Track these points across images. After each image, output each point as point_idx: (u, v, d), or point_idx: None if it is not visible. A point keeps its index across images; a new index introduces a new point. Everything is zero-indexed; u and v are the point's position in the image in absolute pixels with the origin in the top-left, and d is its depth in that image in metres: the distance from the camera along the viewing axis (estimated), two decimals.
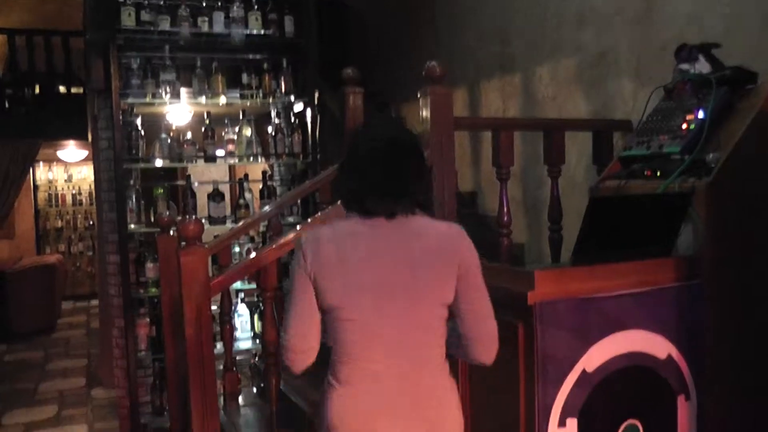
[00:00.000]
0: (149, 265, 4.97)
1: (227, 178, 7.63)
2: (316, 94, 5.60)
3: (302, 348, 1.97)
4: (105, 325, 5.91)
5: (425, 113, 3.28)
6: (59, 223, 12.46)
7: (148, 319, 5.04)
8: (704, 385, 2.46)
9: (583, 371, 2.22)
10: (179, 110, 5.51)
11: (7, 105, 8.42)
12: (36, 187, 12.32)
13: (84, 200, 12.54)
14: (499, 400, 2.40)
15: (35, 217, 12.28)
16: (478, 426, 2.54)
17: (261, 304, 4.24)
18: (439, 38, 5.94)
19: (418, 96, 3.27)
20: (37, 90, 8.67)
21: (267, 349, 3.29)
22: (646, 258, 2.41)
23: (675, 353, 2.39)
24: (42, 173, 12.40)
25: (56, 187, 12.49)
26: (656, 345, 2.36)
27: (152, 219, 5.03)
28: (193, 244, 3.09)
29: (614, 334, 2.27)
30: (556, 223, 3.53)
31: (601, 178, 3.00)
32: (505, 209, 3.42)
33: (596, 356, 2.24)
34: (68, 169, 12.44)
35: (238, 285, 4.91)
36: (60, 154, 11.37)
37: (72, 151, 11.33)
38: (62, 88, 8.93)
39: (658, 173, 2.64)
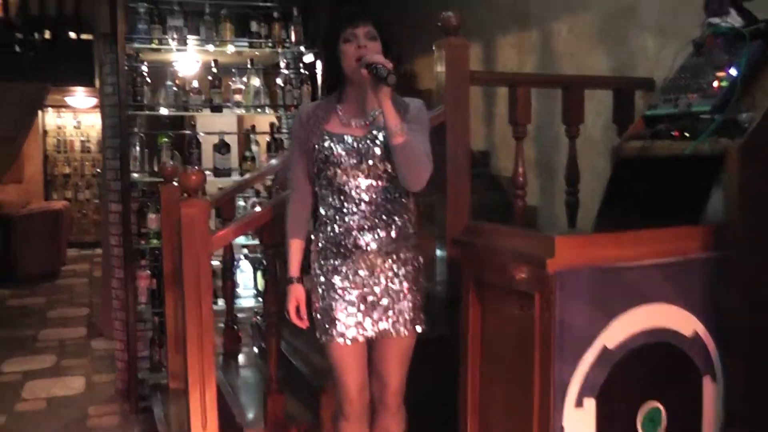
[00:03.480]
0: (151, 215, 4.83)
1: (234, 129, 7.42)
2: None
3: None
4: (106, 276, 5.77)
5: (440, 67, 3.16)
6: (67, 170, 12.40)
7: (149, 272, 4.90)
8: (732, 365, 2.30)
9: (604, 348, 2.07)
10: (186, 58, 5.35)
11: (17, 48, 8.34)
12: (45, 133, 12.25)
13: (92, 147, 12.43)
14: (512, 376, 2.27)
15: (43, 162, 12.22)
16: (490, 404, 2.41)
17: (264, 261, 4.09)
18: None
19: (433, 48, 3.13)
20: (47, 35, 8.55)
21: (268, 309, 3.18)
22: (673, 225, 2.25)
23: (702, 330, 2.23)
24: (51, 119, 12.31)
25: (65, 134, 12.42)
26: (682, 321, 2.20)
27: (156, 168, 4.90)
28: (194, 196, 2.98)
29: (638, 307, 2.12)
30: (572, 186, 3.45)
31: (624, 138, 2.84)
32: (521, 170, 3.32)
33: (618, 331, 2.09)
34: (77, 115, 12.32)
35: (241, 240, 4.81)
36: (69, 100, 11.23)
37: (81, 97, 11.19)
38: (72, 34, 8.80)
39: (687, 134, 2.46)
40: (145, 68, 4.92)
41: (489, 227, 2.47)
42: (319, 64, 5.46)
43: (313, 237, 2.55)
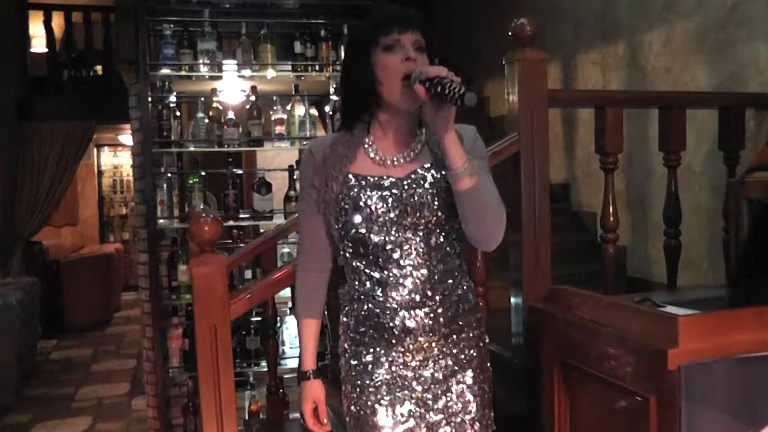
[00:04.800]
0: (182, 267, 4.33)
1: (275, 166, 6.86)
2: None
3: None
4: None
5: (512, 86, 2.70)
6: (123, 210, 12.20)
7: (181, 330, 4.41)
8: None
9: None
10: (221, 85, 4.85)
11: (62, 85, 8.11)
12: (101, 173, 12.09)
13: None
14: None
15: (99, 203, 12.01)
16: None
17: None
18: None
19: (503, 62, 2.70)
20: (94, 69, 8.39)
21: None
22: None
23: None
24: (107, 158, 12.14)
25: (121, 173, 12.21)
26: None
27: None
28: (208, 250, 2.48)
29: None
30: (673, 226, 3.01)
31: (747, 171, 2.42)
32: (611, 208, 2.83)
33: None
34: None
35: (286, 291, 4.24)
36: (121, 138, 10.94)
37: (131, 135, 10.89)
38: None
39: None
40: (173, 99, 4.46)
41: (580, 296, 2.04)
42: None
43: (341, 318, 1.95)
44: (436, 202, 1.77)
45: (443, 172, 1.74)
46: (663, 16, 3.97)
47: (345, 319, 1.93)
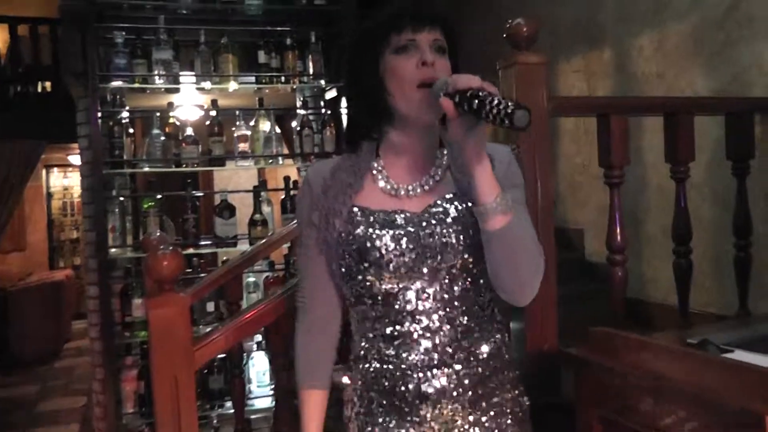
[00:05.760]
0: (137, 301, 3.95)
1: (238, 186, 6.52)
2: None
3: None
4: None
5: (509, 92, 2.44)
6: (74, 234, 11.67)
7: (136, 372, 4.03)
8: None
9: None
10: (178, 99, 4.52)
11: (8, 102, 7.69)
12: (50, 195, 11.56)
13: None
14: None
15: (48, 227, 11.47)
16: None
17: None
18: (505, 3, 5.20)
19: (497, 69, 2.47)
20: (43, 86, 8.01)
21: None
22: None
23: None
24: (56, 179, 11.65)
25: (72, 194, 11.68)
26: None
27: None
28: (169, 289, 2.19)
29: None
30: (683, 244, 2.78)
31: None
32: (618, 227, 2.55)
33: None
34: None
35: None
36: (71, 158, 10.49)
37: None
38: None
39: None
40: (125, 114, 4.13)
41: (628, 340, 1.72)
42: (344, 102, 4.60)
43: (343, 379, 1.62)
44: (461, 243, 1.46)
45: (470, 204, 1.42)
46: (653, 17, 3.80)
47: (348, 382, 1.60)
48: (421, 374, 1.47)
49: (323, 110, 4.73)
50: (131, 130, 4.08)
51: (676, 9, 3.65)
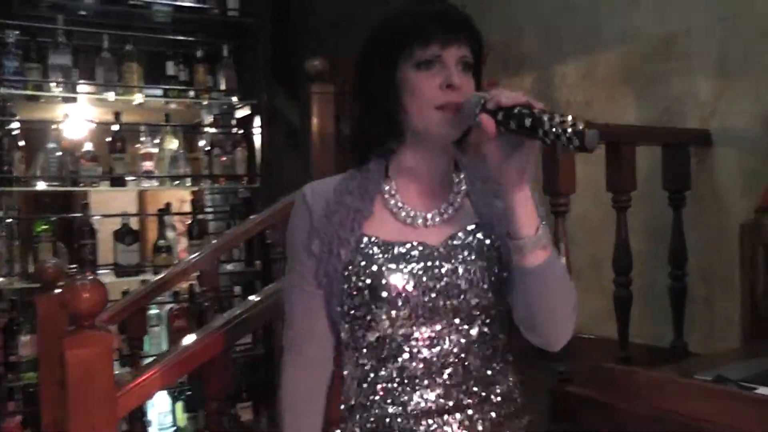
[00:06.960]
0: (23, 338, 3.59)
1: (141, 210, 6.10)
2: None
3: None
4: None
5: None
6: None
7: (19, 419, 3.65)
8: None
9: None
10: (76, 110, 4.15)
11: None
12: None
13: None
14: None
15: None
16: None
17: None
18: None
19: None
20: None
21: None
22: None
23: None
24: None
25: None
26: None
27: (31, 269, 3.72)
28: (89, 327, 1.95)
29: None
30: (623, 274, 2.80)
31: (757, 209, 2.41)
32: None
33: None
34: None
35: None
36: None
37: None
38: None
39: None
40: (16, 125, 3.73)
41: (648, 378, 1.78)
42: (257, 120, 4.46)
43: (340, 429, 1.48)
44: (485, 281, 1.32)
45: (492, 236, 1.34)
46: (579, 47, 3.81)
47: (342, 428, 1.46)
48: (430, 420, 1.35)
49: (234, 129, 4.55)
50: (22, 143, 3.71)
51: (605, 37, 3.67)
